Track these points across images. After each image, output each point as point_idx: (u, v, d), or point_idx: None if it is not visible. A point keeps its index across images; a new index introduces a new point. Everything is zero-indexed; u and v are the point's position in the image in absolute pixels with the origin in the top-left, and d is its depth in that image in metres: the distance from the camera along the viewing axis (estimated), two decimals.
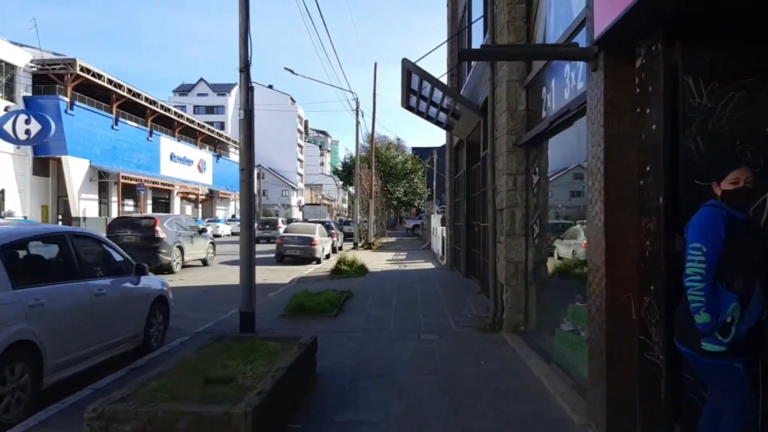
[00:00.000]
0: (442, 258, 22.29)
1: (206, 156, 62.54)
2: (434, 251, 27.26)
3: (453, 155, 18.44)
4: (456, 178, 17.98)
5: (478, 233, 13.94)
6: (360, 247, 31.00)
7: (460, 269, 16.83)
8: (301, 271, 19.04)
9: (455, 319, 9.38)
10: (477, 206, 14.36)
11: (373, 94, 30.42)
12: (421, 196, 52.15)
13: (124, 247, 28.63)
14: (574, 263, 6.17)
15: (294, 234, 22.92)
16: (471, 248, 15.23)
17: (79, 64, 37.34)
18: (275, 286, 15.29)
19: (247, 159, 8.53)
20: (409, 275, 16.93)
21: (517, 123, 7.84)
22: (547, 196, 6.99)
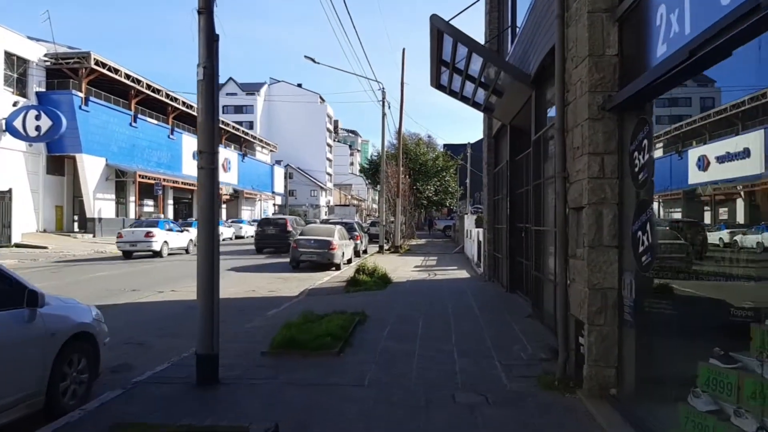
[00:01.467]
0: (478, 265, 19.52)
1: (231, 155, 60.75)
2: (468, 256, 24.47)
3: (492, 145, 15.67)
4: (496, 172, 15.23)
5: (527, 239, 11.18)
6: (386, 251, 28.39)
7: (501, 281, 14.07)
8: (316, 280, 16.52)
9: (504, 362, 6.67)
10: (524, 205, 11.61)
11: (401, 82, 27.81)
12: (453, 195, 49.17)
13: (268, 238, 27.02)
14: (722, 292, 3.47)
15: (311, 237, 20.43)
16: (516, 257, 12.46)
17: (93, 57, 35.69)
18: (280, 300, 12.80)
19: (208, 137, 6.02)
20: (439, 288, 14.23)
21: (605, 75, 5.12)
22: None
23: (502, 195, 14.05)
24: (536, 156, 9.45)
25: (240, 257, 25.43)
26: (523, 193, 11.69)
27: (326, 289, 14.25)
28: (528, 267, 11.17)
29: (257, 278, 17.40)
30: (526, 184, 11.26)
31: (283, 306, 11.70)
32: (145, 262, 22.33)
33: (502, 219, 14.18)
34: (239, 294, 13.95)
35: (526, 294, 11.56)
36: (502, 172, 14.22)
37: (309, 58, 27.86)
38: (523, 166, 11.72)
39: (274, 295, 13.77)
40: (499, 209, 14.89)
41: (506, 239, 13.09)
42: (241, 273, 18.84)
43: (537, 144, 9.41)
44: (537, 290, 9.57)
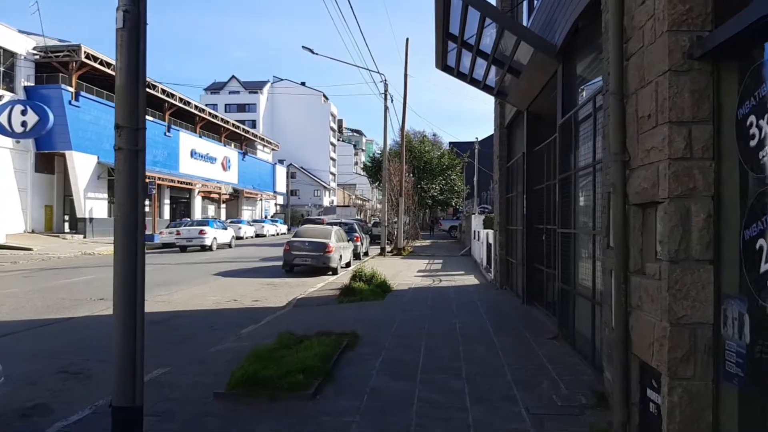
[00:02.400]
0: (487, 270, 17.85)
1: (231, 153, 59.27)
2: (476, 259, 22.79)
3: (504, 137, 14.00)
4: (509, 167, 13.57)
5: (549, 243, 9.52)
6: (388, 254, 26.73)
7: (516, 290, 12.42)
8: (308, 287, 14.90)
9: (533, 409, 5.02)
10: (545, 203, 9.96)
11: (405, 74, 26.14)
12: (459, 194, 47.39)
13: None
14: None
15: (305, 239, 18.81)
16: (534, 263, 10.80)
17: (84, 50, 34.19)
18: (263, 312, 11.19)
19: (129, 107, 4.39)
20: (444, 298, 12.57)
21: (692, 7, 3.48)
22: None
23: (516, 192, 12.39)
24: (564, 143, 7.79)
25: (231, 261, 23.84)
26: (544, 189, 10.04)
27: (317, 299, 12.61)
28: (550, 276, 9.52)
29: (244, 284, 15.80)
30: (549, 179, 9.60)
31: (263, 320, 10.07)
32: None
33: (516, 219, 12.53)
34: (219, 304, 12.35)
35: (547, 307, 9.90)
36: (516, 167, 12.56)
37: (307, 48, 26.28)
38: (544, 157, 10.07)
39: (258, 306, 12.15)
40: (512, 208, 13.24)
41: (522, 243, 11.43)
42: (228, 278, 17.24)
43: (565, 129, 7.76)
44: (564, 306, 7.91)
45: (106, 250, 28.86)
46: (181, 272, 18.95)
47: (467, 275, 17.68)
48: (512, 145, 13.86)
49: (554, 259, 8.92)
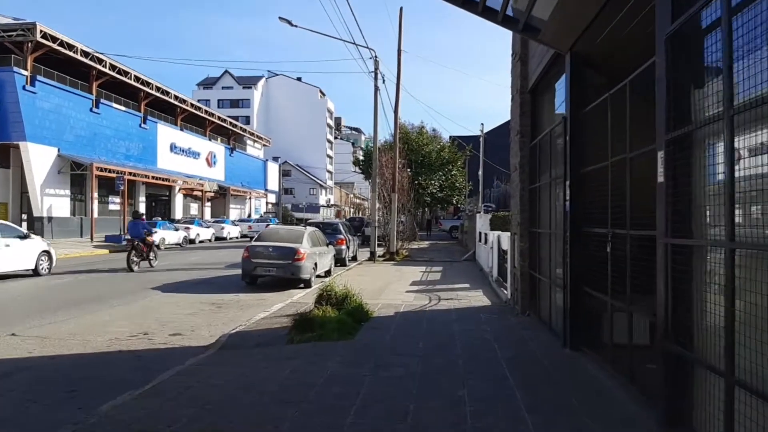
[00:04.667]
0: (499, 283, 14.01)
1: (217, 148, 55.44)
2: (483, 267, 18.95)
3: (528, 104, 10.15)
4: (536, 146, 9.72)
5: (619, 256, 5.70)
6: (379, 258, 22.86)
7: (548, 321, 8.57)
8: (262, 308, 11.12)
9: None
10: (609, 192, 6.12)
11: (398, 49, 22.30)
12: (460, 191, 43.34)
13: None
14: None
15: (269, 243, 14.96)
16: (585, 286, 6.95)
17: (40, 29, 30.33)
18: (171, 358, 7.40)
19: None
20: (446, 335, 8.63)
21: None
22: None
23: (550, 179, 8.54)
24: (677, 72, 3.95)
25: (190, 268, 20.00)
26: (608, 169, 6.19)
27: (260, 334, 8.75)
28: (617, 309, 5.69)
29: (181, 304, 11.98)
30: (617, 152, 5.79)
31: (154, 381, 6.21)
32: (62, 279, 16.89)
33: (548, 219, 8.68)
34: (118, 341, 8.53)
35: (615, 363, 6.04)
36: (547, 144, 8.71)
37: (284, 20, 22.45)
38: (606, 119, 6.24)
39: (171, 346, 8.31)
40: (540, 203, 9.40)
41: (561, 253, 7.58)
42: (166, 294, 13.41)
43: (682, 42, 3.92)
44: (674, 383, 4.08)
45: (60, 254, 24.99)
46: (115, 285, 15.12)
47: (473, 290, 13.82)
48: (539, 116, 10.03)
49: (627, 282, 5.13)
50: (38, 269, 16.53)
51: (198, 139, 51.51)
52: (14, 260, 15.71)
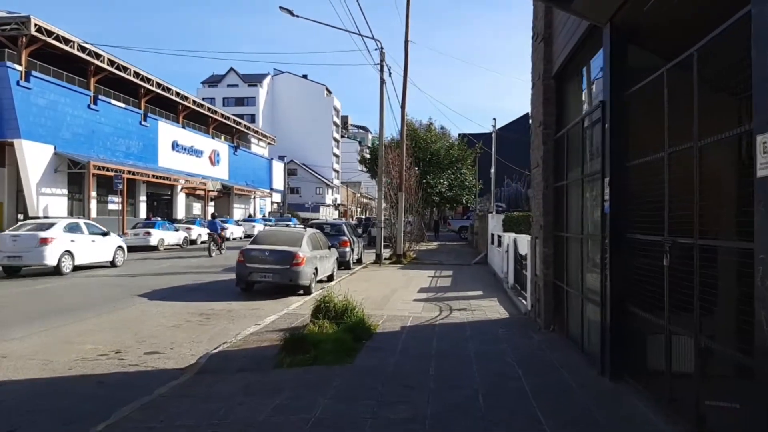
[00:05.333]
0: (516, 291, 12.82)
1: (220, 146, 54.43)
2: (497, 272, 17.76)
3: (552, 91, 8.95)
4: (562, 138, 8.51)
5: (681, 271, 4.51)
6: (385, 261, 21.69)
7: (581, 341, 7.36)
8: (255, 320, 10.01)
9: None
10: (667, 191, 4.92)
11: (405, 39, 21.09)
12: (470, 190, 41.99)
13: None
14: None
15: (265, 246, 13.83)
16: (632, 305, 5.77)
17: (34, 22, 29.36)
18: (140, 386, 6.33)
19: None
20: (460, 358, 7.39)
21: None
22: None
23: (580, 176, 7.36)
24: None
25: (191, 270, 18.93)
26: (664, 161, 5.00)
27: (247, 354, 7.60)
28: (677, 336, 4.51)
29: (166, 314, 10.89)
30: (678, 141, 4.62)
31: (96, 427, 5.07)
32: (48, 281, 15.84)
33: (579, 222, 7.49)
34: (84, 361, 7.44)
35: (671, 405, 4.85)
36: (579, 135, 7.51)
37: (285, 9, 21.33)
38: (662, 101, 5.05)
39: (140, 369, 7.18)
40: (567, 203, 8.21)
41: (599, 264, 6.39)
42: (152, 302, 12.31)
43: None
44: None
45: None
46: (101, 291, 14.06)
47: (488, 299, 12.63)
48: (565, 105, 8.84)
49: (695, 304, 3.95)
50: (115, 261, 19.90)
51: (201, 137, 50.51)
52: (99, 253, 19.12)
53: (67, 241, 17.48)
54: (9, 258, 16.56)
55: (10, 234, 17.04)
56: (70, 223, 18.60)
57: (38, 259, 16.53)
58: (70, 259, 17.42)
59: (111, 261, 19.61)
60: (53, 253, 16.74)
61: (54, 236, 16.94)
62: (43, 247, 16.52)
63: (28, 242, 16.53)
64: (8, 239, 16.68)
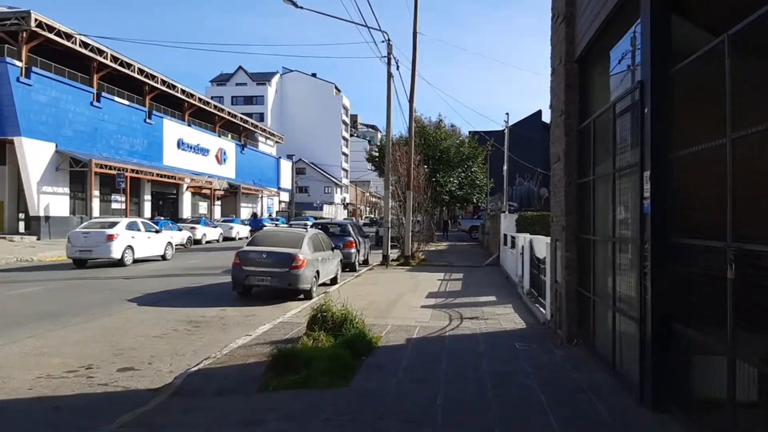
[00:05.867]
0: (532, 296, 11.86)
1: (227, 145, 53.78)
2: (508, 273, 16.81)
3: (575, 77, 7.99)
4: (587, 129, 7.55)
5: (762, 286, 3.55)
6: (393, 262, 20.78)
7: (608, 357, 6.39)
8: (251, 328, 9.16)
9: None
10: (733, 183, 3.96)
11: (414, 31, 20.15)
12: (481, 188, 40.93)
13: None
14: None
15: (263, 248, 12.96)
16: (680, 322, 4.81)
17: (34, 17, 28.76)
18: (98, 413, 5.40)
19: None
20: (471, 378, 6.42)
21: None
22: None
23: (612, 170, 6.39)
24: None
25: (190, 272, 18.13)
26: (718, 153, 4.05)
27: (230, 372, 6.71)
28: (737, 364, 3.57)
29: (154, 321, 10.06)
30: (746, 123, 3.66)
31: None
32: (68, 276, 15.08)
33: (610, 223, 6.52)
34: (47, 380, 6.61)
35: None
36: (611, 123, 6.55)
37: (289, 1, 20.47)
38: (722, 76, 4.09)
39: (107, 390, 6.32)
40: (592, 202, 7.25)
41: (636, 272, 5.44)
42: (140, 308, 11.49)
43: None
44: None
45: (52, 256, 23.41)
46: (89, 295, 13.24)
47: (502, 305, 11.67)
48: (589, 92, 7.88)
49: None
50: (165, 255, 22.37)
51: (207, 135, 49.85)
52: (153, 248, 21.63)
53: (129, 237, 20.04)
54: (80, 251, 19.12)
55: (81, 231, 19.70)
56: (130, 222, 21.38)
57: (106, 252, 19.05)
58: (131, 252, 20.00)
59: (162, 255, 22.15)
60: (118, 248, 19.33)
61: (118, 233, 19.49)
62: (110, 243, 19.08)
63: (97, 238, 19.08)
64: (80, 236, 19.27)
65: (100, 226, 20.09)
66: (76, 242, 19.15)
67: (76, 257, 19.32)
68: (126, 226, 20.31)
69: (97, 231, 19.40)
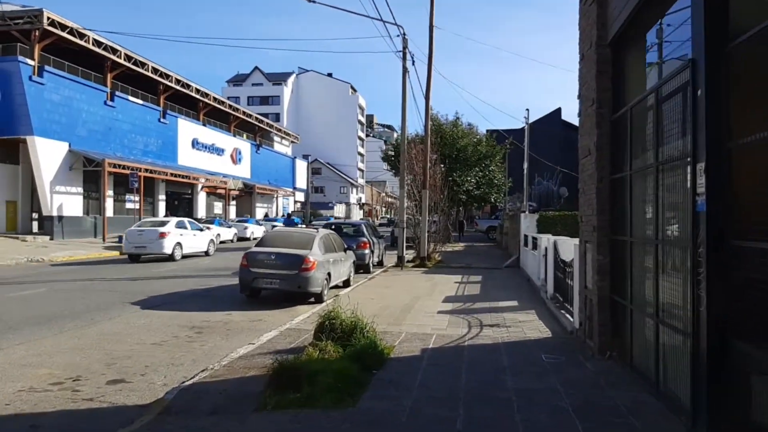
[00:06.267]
0: (555, 301, 11.11)
1: (243, 145, 53.45)
2: (529, 276, 16.06)
3: (607, 62, 7.25)
4: (622, 118, 6.82)
5: None
6: (408, 264, 20.12)
7: (650, 374, 5.65)
8: (256, 334, 8.57)
9: None
10: None
11: (430, 25, 19.44)
12: (499, 188, 40.03)
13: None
14: None
15: (272, 249, 12.36)
16: (742, 340, 4.09)
17: (47, 16, 28.49)
18: None
19: None
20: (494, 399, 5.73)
21: None
22: None
23: (655, 163, 5.65)
24: None
25: (200, 274, 17.63)
26: None
27: (227, 387, 6.09)
28: None
29: (155, 326, 9.51)
30: None
31: None
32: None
33: (653, 223, 5.78)
34: (29, 393, 6.10)
35: None
36: (654, 109, 5.82)
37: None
38: None
39: (92, 406, 5.75)
40: (629, 200, 6.52)
41: (690, 281, 4.71)
42: (145, 311, 10.97)
43: None
44: None
45: (63, 257, 23.12)
46: (93, 297, 12.74)
47: (524, 311, 10.94)
48: (624, 78, 7.15)
49: None
50: (208, 251, 24.48)
51: (222, 135, 49.56)
52: (198, 245, 23.77)
53: (178, 235, 22.22)
54: (136, 248, 21.28)
55: (137, 229, 21.81)
56: (178, 221, 23.54)
57: (159, 248, 21.25)
58: (180, 249, 22.08)
59: (205, 251, 24.21)
60: (169, 244, 21.55)
61: (169, 231, 21.69)
62: (162, 240, 21.26)
63: (150, 236, 21.24)
64: (136, 233, 21.45)
65: (152, 224, 22.27)
66: (132, 239, 21.28)
67: (132, 253, 21.40)
68: (175, 224, 22.53)
69: (150, 229, 21.50)
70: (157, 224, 22.12)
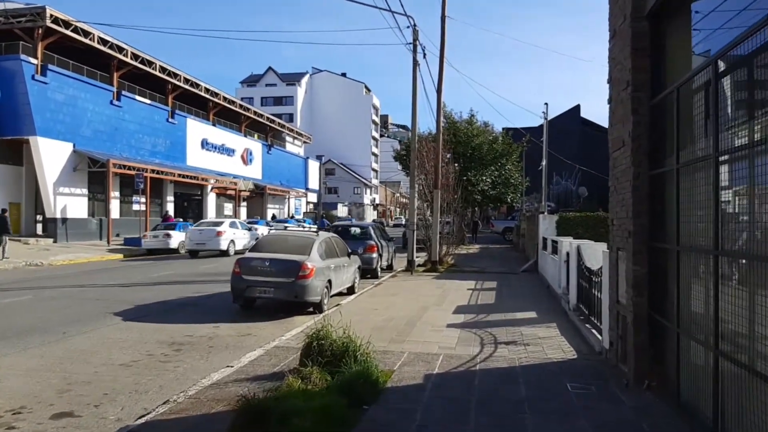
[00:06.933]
0: (579, 314, 9.93)
1: (254, 145, 52.63)
2: (549, 282, 14.87)
3: (645, 38, 6.11)
4: (664, 102, 5.68)
5: None
6: (418, 268, 18.99)
7: (705, 417, 4.52)
8: (240, 353, 7.53)
9: None
10: None
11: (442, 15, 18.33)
12: (515, 187, 38.63)
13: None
14: None
15: (266, 255, 11.34)
16: None
17: (49, 13, 27.79)
18: None
19: None
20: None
21: None
22: None
23: (712, 153, 4.49)
24: None
25: (198, 279, 16.70)
26: None
27: (189, 426, 5.04)
28: None
29: (129, 342, 8.52)
30: None
31: None
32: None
33: (709, 228, 4.61)
34: None
35: None
36: (712, 88, 4.67)
37: None
38: None
39: None
40: (675, 200, 5.35)
41: (757, 301, 3.56)
42: (126, 323, 10.00)
43: None
44: None
45: (64, 260, 22.37)
46: (75, 306, 11.81)
47: (544, 324, 9.78)
48: (662, 57, 6.00)
49: None
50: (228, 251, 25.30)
51: (233, 135, 48.77)
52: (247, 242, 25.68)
53: (231, 233, 25.56)
54: (196, 244, 24.67)
55: (197, 229, 25.43)
56: (231, 221, 27.38)
57: (216, 245, 24.57)
58: (233, 246, 25.13)
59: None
60: (225, 242, 24.84)
61: (224, 230, 25.14)
62: (219, 238, 24.68)
63: (209, 234, 24.78)
64: (197, 232, 25.00)
65: (209, 224, 26.12)
66: (193, 237, 24.67)
67: (192, 249, 24.71)
68: (229, 224, 26.14)
69: (209, 228, 25.17)
70: (212, 224, 25.73)
